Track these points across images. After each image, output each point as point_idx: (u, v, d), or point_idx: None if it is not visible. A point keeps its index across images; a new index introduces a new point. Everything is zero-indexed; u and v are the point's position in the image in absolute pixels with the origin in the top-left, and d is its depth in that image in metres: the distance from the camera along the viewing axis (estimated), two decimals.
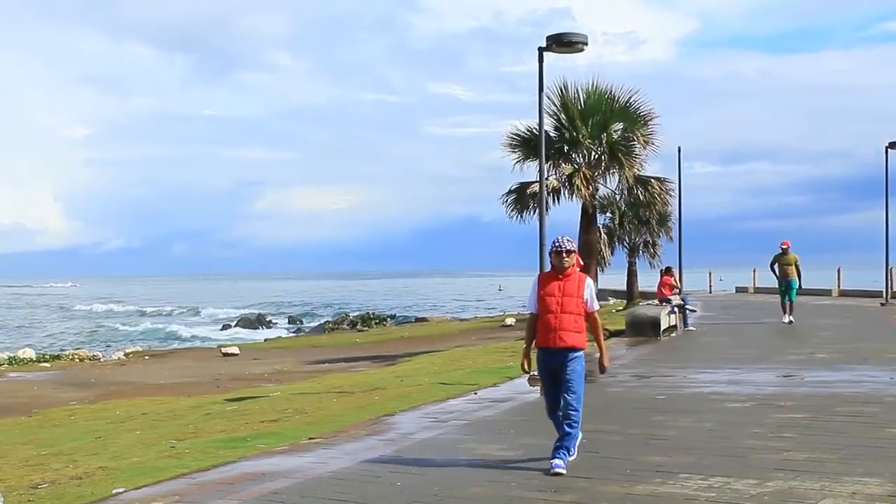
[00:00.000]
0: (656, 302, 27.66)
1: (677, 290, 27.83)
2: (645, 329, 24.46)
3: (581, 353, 8.70)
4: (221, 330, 71.58)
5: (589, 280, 8.91)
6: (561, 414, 8.72)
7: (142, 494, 8.28)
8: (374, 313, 69.03)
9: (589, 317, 8.82)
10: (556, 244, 8.79)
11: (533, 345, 8.96)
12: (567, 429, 8.64)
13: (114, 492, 8.57)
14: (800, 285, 27.13)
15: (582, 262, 9.03)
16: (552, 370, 8.73)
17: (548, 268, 8.98)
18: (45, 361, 34.49)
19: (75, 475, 9.95)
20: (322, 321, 70.88)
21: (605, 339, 9.39)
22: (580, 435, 8.92)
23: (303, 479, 8.57)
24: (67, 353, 39.04)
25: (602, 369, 9.26)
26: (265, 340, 53.77)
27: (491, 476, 8.47)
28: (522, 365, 9.33)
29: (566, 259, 8.74)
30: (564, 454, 8.59)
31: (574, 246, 8.84)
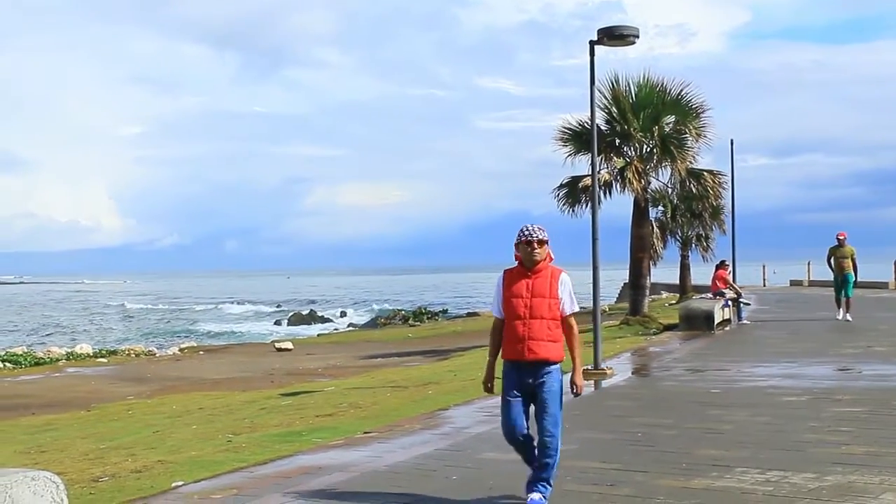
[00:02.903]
0: (710, 295, 27.49)
1: (733, 289, 27.60)
2: (699, 323, 24.33)
3: (557, 366, 7.27)
4: (274, 325, 72.08)
5: (565, 276, 7.32)
6: (537, 442, 7.29)
7: (200, 488, 8.37)
8: (425, 308, 69.07)
9: (563, 321, 7.25)
10: (525, 232, 7.22)
11: (496, 356, 7.53)
12: (545, 459, 7.24)
13: (173, 485, 8.68)
14: (856, 279, 26.52)
15: (553, 256, 7.37)
16: (521, 387, 7.25)
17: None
18: (101, 357, 34.86)
19: (135, 469, 10.09)
20: (374, 316, 71.14)
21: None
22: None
23: (359, 473, 8.62)
24: (123, 348, 39.48)
25: (574, 389, 7.48)
26: (318, 335, 54.04)
27: None
28: (485, 384, 7.69)
29: (536, 251, 7.16)
30: (544, 487, 7.29)
31: (546, 235, 7.25)
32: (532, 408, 7.31)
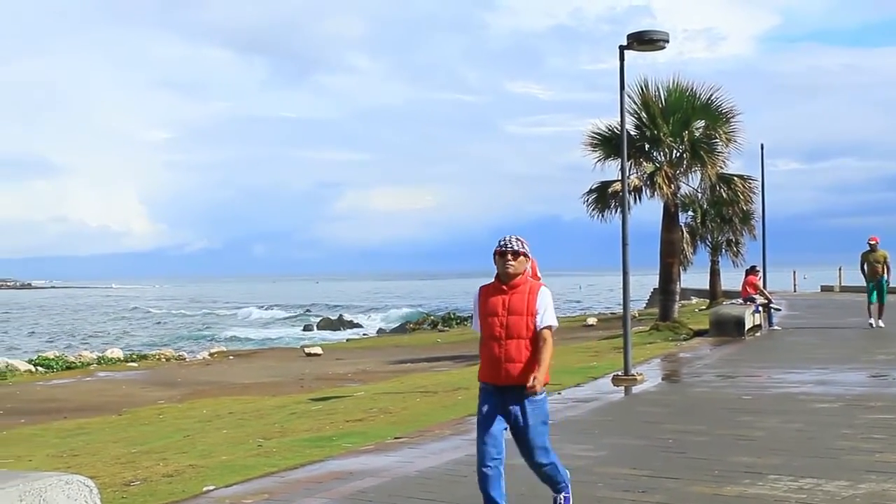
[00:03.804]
0: (740, 301, 27.36)
1: (763, 294, 27.45)
2: (729, 328, 24.22)
3: (541, 393, 6.61)
4: (303, 330, 72.21)
5: (544, 290, 6.68)
6: (539, 476, 6.97)
7: (232, 492, 8.40)
8: (454, 313, 68.98)
9: (537, 333, 6.56)
10: (501, 242, 6.63)
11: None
12: (557, 484, 6.97)
13: (204, 489, 8.71)
14: (889, 284, 26.20)
15: (540, 275, 6.97)
16: (496, 408, 6.66)
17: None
18: (132, 361, 35.02)
19: (166, 473, 10.12)
20: (403, 321, 71.16)
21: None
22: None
23: (390, 479, 8.63)
24: (153, 353, 39.64)
25: (528, 390, 6.45)
26: (347, 340, 54.14)
27: (577, 476, 8.42)
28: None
29: (510, 263, 6.54)
30: (564, 487, 7.00)
31: (525, 247, 6.64)
32: (505, 431, 6.74)
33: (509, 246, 6.59)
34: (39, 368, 31.37)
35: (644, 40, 16.73)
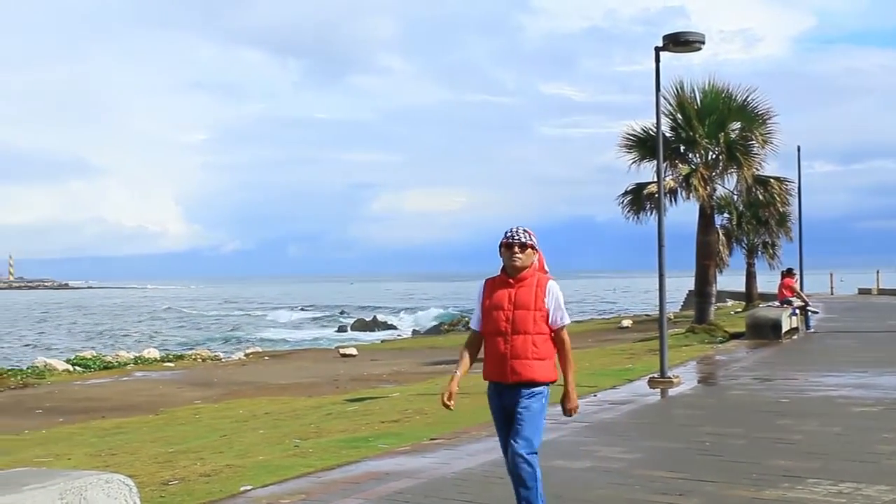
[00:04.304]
0: (777, 303, 27.20)
1: (800, 297, 27.28)
2: (766, 331, 24.10)
3: (543, 388, 6.32)
4: (338, 331, 72.37)
5: (552, 284, 6.38)
6: (508, 470, 6.42)
7: (269, 492, 8.43)
8: None
9: (555, 336, 6.34)
10: (507, 234, 6.37)
11: (464, 371, 6.69)
12: (521, 490, 6.33)
13: (241, 489, 8.74)
14: None
15: (547, 268, 6.54)
16: (503, 411, 6.43)
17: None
18: (168, 361, 35.20)
19: (203, 472, 10.16)
20: (438, 322, 71.14)
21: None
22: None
23: (426, 480, 8.64)
24: (190, 353, 39.84)
25: (567, 411, 6.54)
26: (382, 341, 54.20)
27: (613, 479, 8.43)
28: (443, 398, 6.63)
29: (517, 255, 6.28)
30: None
31: (532, 239, 6.36)
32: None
33: (516, 237, 6.33)
34: (77, 368, 31.60)
35: (680, 42, 16.67)
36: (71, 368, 31.37)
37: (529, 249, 6.33)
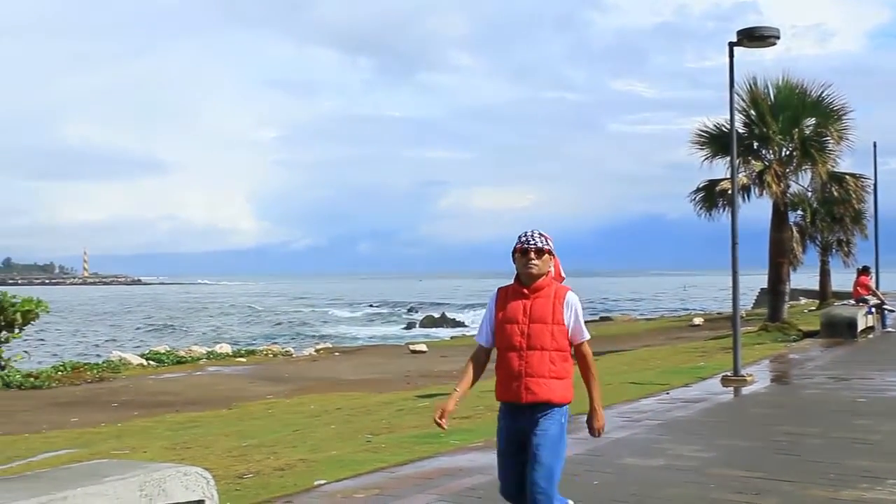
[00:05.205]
0: (852, 302, 26.80)
1: (876, 296, 26.86)
2: (841, 330, 23.76)
3: (561, 408, 5.67)
4: (406, 328, 72.58)
5: (572, 295, 5.75)
6: (527, 500, 5.63)
7: (342, 487, 8.49)
8: None
9: (576, 351, 5.75)
10: (521, 239, 5.73)
11: (465, 389, 6.01)
12: None
13: (315, 483, 8.80)
14: None
15: (564, 275, 5.94)
16: (517, 435, 5.69)
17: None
18: (240, 356, 35.52)
19: (277, 466, 10.25)
20: None
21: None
22: None
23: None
24: (261, 348, 40.18)
25: (593, 431, 5.91)
26: (451, 338, 54.26)
27: (688, 477, 8.36)
28: (436, 417, 5.89)
29: (533, 262, 5.66)
30: None
31: (549, 244, 5.76)
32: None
33: (532, 242, 5.69)
34: (151, 362, 32.03)
35: (755, 37, 16.50)
36: (145, 363, 31.80)
37: (546, 255, 5.71)
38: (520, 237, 5.72)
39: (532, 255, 5.64)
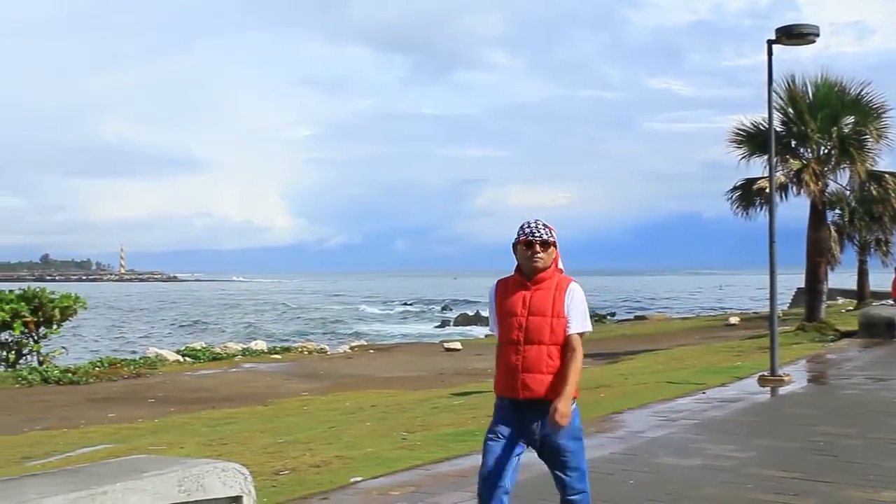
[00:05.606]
0: (890, 302, 26.58)
1: None
2: (879, 330, 23.56)
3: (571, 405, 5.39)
4: (440, 326, 72.61)
5: (574, 286, 5.52)
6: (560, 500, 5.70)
7: (379, 484, 8.51)
8: (594, 311, 68.49)
9: (566, 341, 5.42)
10: (524, 230, 5.52)
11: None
12: None
13: (352, 480, 8.83)
14: None
15: (562, 267, 5.62)
16: (512, 426, 5.54)
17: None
18: (276, 353, 35.61)
19: (313, 463, 10.28)
20: None
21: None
22: None
23: (535, 475, 8.59)
24: (296, 345, 40.29)
25: (553, 424, 5.27)
26: (486, 336, 54.24)
27: (725, 477, 8.32)
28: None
29: (538, 255, 5.45)
30: None
31: (554, 235, 5.53)
32: (519, 458, 5.65)
33: (537, 234, 5.46)
34: (187, 359, 32.19)
35: (793, 34, 16.39)
36: (181, 359, 31.97)
37: (552, 247, 5.50)
38: (523, 228, 5.53)
39: (538, 247, 5.45)
